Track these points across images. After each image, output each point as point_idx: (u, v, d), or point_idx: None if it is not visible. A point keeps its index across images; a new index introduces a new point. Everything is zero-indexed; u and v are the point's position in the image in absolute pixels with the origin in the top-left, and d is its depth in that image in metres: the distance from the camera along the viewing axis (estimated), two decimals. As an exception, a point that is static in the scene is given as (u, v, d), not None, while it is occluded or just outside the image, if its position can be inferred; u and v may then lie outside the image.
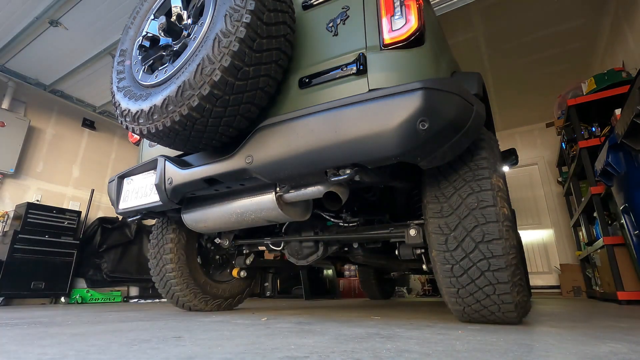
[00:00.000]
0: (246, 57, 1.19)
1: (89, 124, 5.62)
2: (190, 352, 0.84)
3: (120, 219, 5.13)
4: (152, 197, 1.65)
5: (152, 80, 1.35)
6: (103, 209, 5.49)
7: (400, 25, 1.26)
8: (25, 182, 4.74)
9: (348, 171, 1.19)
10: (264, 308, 2.65)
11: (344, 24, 1.40)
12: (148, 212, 1.78)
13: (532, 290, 5.31)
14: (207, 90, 1.18)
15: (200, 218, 1.69)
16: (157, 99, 1.28)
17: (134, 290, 5.19)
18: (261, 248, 2.21)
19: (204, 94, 1.19)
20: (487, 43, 4.43)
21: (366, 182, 1.36)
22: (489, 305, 1.30)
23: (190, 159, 1.62)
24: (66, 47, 4.11)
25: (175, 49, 1.36)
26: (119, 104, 1.44)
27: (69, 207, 4.88)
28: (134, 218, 1.85)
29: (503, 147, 3.26)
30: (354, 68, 1.31)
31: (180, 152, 1.69)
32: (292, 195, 1.44)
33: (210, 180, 1.45)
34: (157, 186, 1.57)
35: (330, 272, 5.07)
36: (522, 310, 1.32)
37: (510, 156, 3.19)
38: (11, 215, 4.36)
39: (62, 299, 4.33)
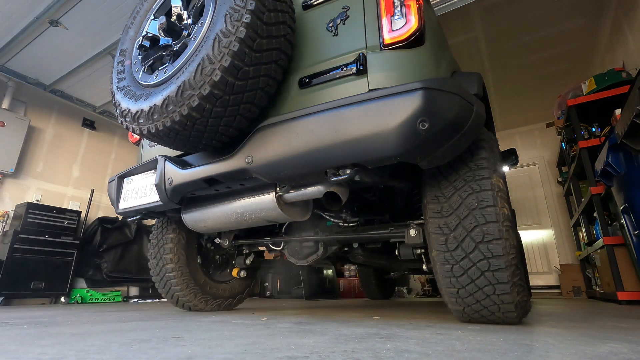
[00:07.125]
0: (246, 57, 1.19)
1: (89, 124, 5.62)
2: (190, 352, 0.84)
3: (120, 219, 5.13)
4: (152, 197, 1.65)
5: (152, 80, 1.35)
6: (103, 209, 5.49)
7: (401, 25, 1.26)
8: (25, 182, 4.74)
9: (348, 171, 1.19)
10: (264, 308, 2.64)
11: (344, 24, 1.40)
12: (148, 212, 1.78)
13: (532, 290, 5.31)
14: (207, 90, 1.18)
15: (200, 218, 1.69)
16: (157, 99, 1.28)
17: (134, 290, 5.20)
18: (261, 248, 2.21)
19: (204, 94, 1.19)
20: (487, 43, 4.43)
21: (366, 182, 1.36)
22: (489, 305, 1.30)
23: (190, 159, 1.62)
24: (66, 47, 4.11)
25: (175, 49, 1.36)
26: (119, 104, 1.44)
27: (69, 207, 4.88)
28: (134, 218, 1.85)
29: (503, 147, 3.26)
30: (354, 68, 1.31)
31: (180, 152, 1.70)
32: (292, 195, 1.44)
33: (210, 180, 1.45)
34: (157, 186, 1.57)
35: (330, 272, 5.07)
36: (522, 310, 1.32)
37: (510, 156, 3.19)
38: (11, 215, 4.36)
39: (62, 299, 4.33)
